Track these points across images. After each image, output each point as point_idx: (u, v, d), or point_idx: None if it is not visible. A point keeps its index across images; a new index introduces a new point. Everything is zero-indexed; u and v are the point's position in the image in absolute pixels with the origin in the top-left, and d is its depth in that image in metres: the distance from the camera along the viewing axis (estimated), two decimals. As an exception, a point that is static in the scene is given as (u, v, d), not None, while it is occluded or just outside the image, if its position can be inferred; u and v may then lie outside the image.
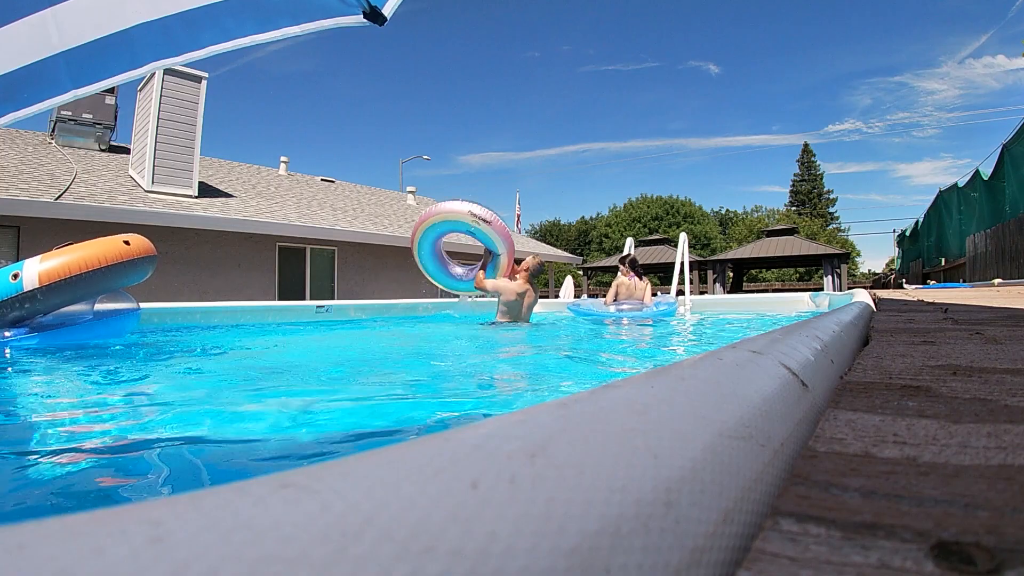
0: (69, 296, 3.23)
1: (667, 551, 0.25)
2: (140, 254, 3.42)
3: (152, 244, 3.58)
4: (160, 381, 2.40)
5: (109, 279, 3.28)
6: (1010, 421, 0.51)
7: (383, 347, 3.99)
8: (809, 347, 0.76)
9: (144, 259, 3.46)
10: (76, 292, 3.22)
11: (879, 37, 69.58)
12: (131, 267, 3.36)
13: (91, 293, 3.38)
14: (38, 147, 9.88)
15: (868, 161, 71.85)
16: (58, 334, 3.37)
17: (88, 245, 3.23)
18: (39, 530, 0.17)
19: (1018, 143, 10.17)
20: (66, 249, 3.19)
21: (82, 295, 3.33)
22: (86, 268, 3.14)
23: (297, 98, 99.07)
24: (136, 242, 3.43)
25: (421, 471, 0.23)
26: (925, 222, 18.33)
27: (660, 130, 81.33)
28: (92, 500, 1.10)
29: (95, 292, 3.39)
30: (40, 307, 3.19)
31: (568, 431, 0.30)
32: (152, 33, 1.80)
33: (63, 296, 3.19)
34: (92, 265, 3.16)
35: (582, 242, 48.02)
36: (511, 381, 2.49)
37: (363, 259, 11.68)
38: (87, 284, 3.20)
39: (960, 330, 1.48)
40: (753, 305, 7.17)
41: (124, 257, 3.30)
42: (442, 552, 0.19)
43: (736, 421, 0.39)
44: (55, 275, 3.07)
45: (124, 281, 3.43)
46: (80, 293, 3.27)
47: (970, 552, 0.27)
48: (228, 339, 4.24)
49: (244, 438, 1.51)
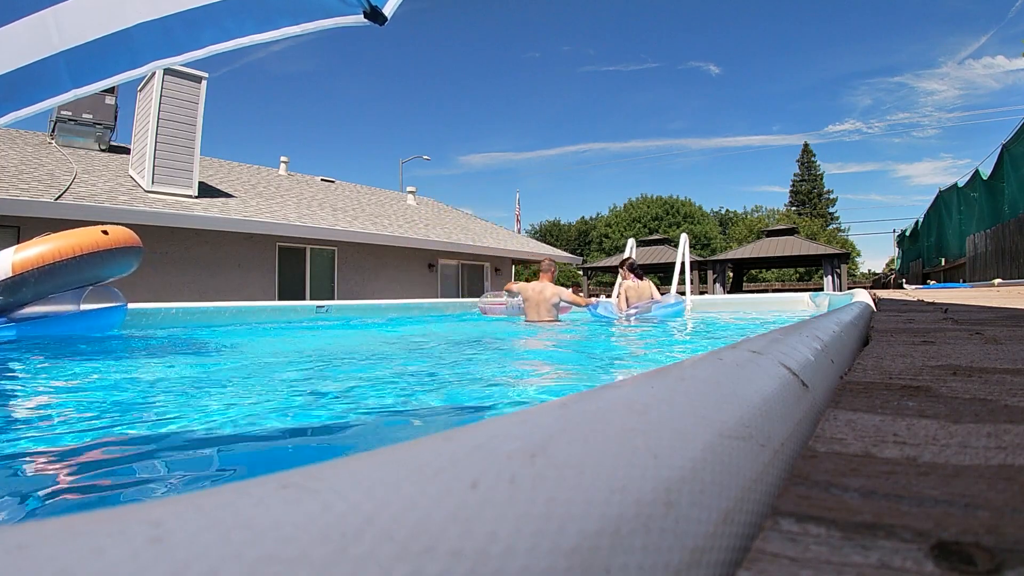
0: (46, 286, 3.16)
1: (667, 551, 0.25)
2: (119, 244, 3.35)
3: (137, 236, 3.51)
4: (160, 381, 2.40)
5: (85, 268, 3.22)
6: (1010, 421, 0.51)
7: (382, 346, 3.99)
8: (809, 347, 0.76)
9: (124, 249, 3.38)
10: (52, 281, 3.16)
11: (879, 37, 69.69)
12: (109, 257, 3.29)
13: (69, 283, 3.31)
14: (38, 147, 9.88)
15: (868, 161, 71.98)
16: (38, 325, 3.31)
17: (64, 235, 3.17)
18: (39, 530, 0.17)
19: (1018, 143, 10.17)
20: (42, 238, 3.14)
21: (59, 284, 3.25)
22: (60, 257, 3.08)
23: (297, 98, 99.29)
24: (116, 232, 3.36)
25: (421, 471, 0.23)
26: (925, 222, 18.33)
27: (660, 130, 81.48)
28: (92, 500, 1.10)
29: (73, 282, 3.32)
30: (17, 297, 3.14)
31: (568, 431, 0.30)
32: (152, 33, 1.80)
33: (39, 286, 3.13)
34: (67, 254, 3.10)
35: (582, 242, 48.02)
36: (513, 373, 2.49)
37: (363, 259, 11.68)
38: (63, 273, 3.14)
39: (960, 330, 1.48)
40: (753, 305, 7.18)
41: (101, 247, 3.24)
42: (442, 552, 0.19)
43: (736, 421, 0.39)
44: (29, 264, 3.02)
45: (104, 272, 3.35)
46: (57, 282, 3.20)
47: (970, 552, 0.27)
48: (228, 339, 4.24)
49: (244, 438, 1.51)
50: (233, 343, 4.00)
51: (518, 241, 16.30)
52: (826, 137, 66.51)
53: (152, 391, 2.20)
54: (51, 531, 0.17)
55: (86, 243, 3.19)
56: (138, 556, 0.16)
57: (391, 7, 1.91)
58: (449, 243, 12.53)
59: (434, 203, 18.06)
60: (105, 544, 0.16)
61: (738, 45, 75.96)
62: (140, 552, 0.16)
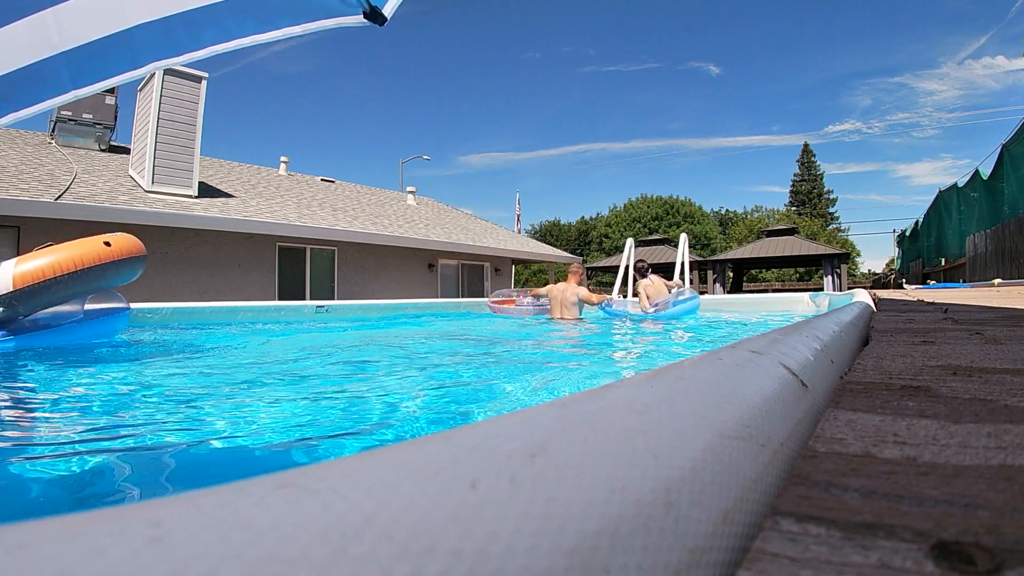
0: (46, 299, 3.13)
1: (667, 551, 0.25)
2: (122, 255, 3.30)
3: (141, 243, 3.44)
4: (159, 381, 2.40)
5: (87, 282, 3.19)
6: (1010, 421, 0.51)
7: (381, 345, 3.99)
8: (809, 347, 0.76)
9: (128, 260, 3.34)
10: (53, 295, 3.12)
11: (879, 37, 69.66)
12: (112, 269, 3.25)
13: (70, 296, 3.27)
14: (38, 147, 9.88)
15: (868, 161, 71.96)
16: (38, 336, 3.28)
17: (66, 247, 3.13)
18: (39, 530, 0.17)
19: (1017, 143, 10.17)
20: (43, 251, 3.10)
21: (61, 298, 3.22)
22: (62, 271, 3.04)
23: (297, 98, 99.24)
24: (118, 242, 3.31)
25: (421, 471, 0.23)
26: (925, 222, 18.33)
27: (660, 130, 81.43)
28: (92, 500, 1.10)
29: (74, 295, 3.29)
30: (16, 311, 3.11)
31: (568, 431, 0.30)
32: (152, 33, 1.80)
33: (39, 299, 3.09)
34: (68, 268, 3.06)
35: (582, 242, 48.02)
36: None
37: (363, 259, 11.68)
38: (64, 287, 3.10)
39: (960, 330, 1.47)
40: (753, 305, 7.18)
41: (103, 259, 3.19)
42: (442, 552, 0.19)
43: (736, 421, 0.39)
44: (30, 278, 2.98)
45: (106, 283, 3.31)
46: (58, 296, 3.17)
47: (970, 552, 0.27)
48: (228, 339, 4.24)
49: (244, 438, 1.51)
50: (233, 343, 4.00)
51: (518, 241, 16.29)
52: (826, 137, 66.58)
53: (151, 391, 2.20)
54: (51, 531, 0.17)
55: (88, 256, 3.14)
56: (138, 556, 0.16)
57: (391, 7, 1.91)
58: (449, 243, 12.53)
59: (434, 203, 18.06)
60: (105, 544, 0.16)
61: (738, 45, 75.98)
62: (140, 552, 0.16)
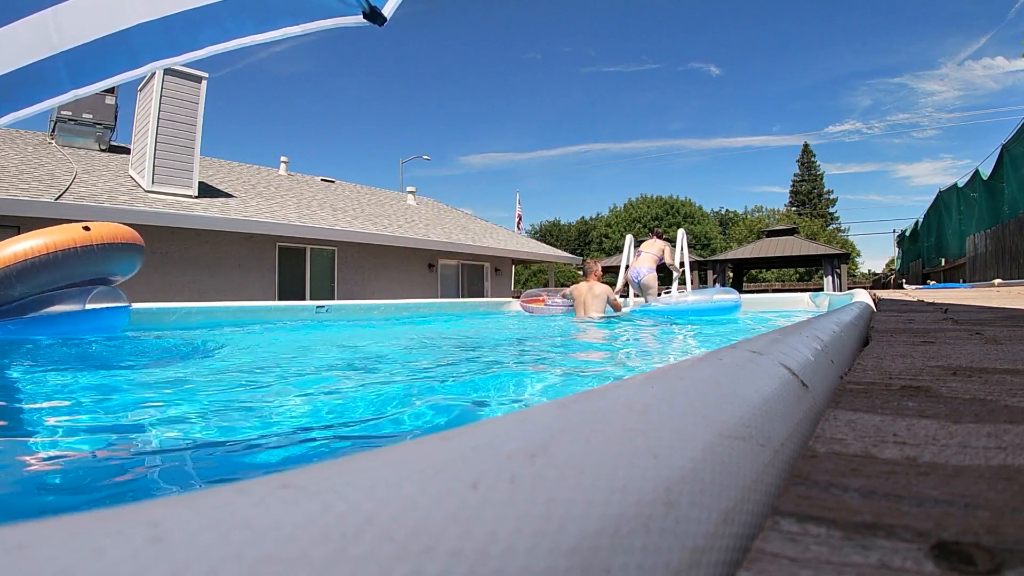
0: (21, 286, 3.07)
1: (667, 551, 0.25)
2: (104, 240, 3.22)
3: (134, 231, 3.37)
4: (159, 381, 2.39)
5: (63, 266, 3.11)
6: (1010, 421, 0.51)
7: (380, 345, 3.99)
8: (809, 347, 0.76)
9: (117, 246, 3.27)
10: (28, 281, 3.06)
11: (879, 37, 69.73)
12: (91, 254, 3.16)
13: (49, 281, 3.20)
14: (38, 147, 9.88)
15: (868, 162, 72.03)
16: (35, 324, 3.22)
17: (40, 232, 3.08)
18: (39, 530, 0.17)
19: (1017, 143, 10.16)
20: (14, 238, 3.06)
21: (37, 284, 3.15)
22: (33, 255, 2.98)
23: (297, 98, 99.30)
24: (99, 228, 3.23)
25: (421, 471, 0.23)
26: (925, 222, 18.32)
27: (660, 131, 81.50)
28: (92, 500, 1.10)
29: (54, 280, 3.21)
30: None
31: (568, 431, 0.30)
32: (152, 33, 1.80)
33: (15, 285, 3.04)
34: (39, 252, 2.99)
35: (582, 242, 48.01)
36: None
37: (363, 259, 11.68)
38: (39, 271, 3.03)
39: (960, 330, 1.47)
40: (753, 305, 7.17)
41: (80, 243, 3.11)
42: (442, 552, 0.19)
43: (736, 421, 0.39)
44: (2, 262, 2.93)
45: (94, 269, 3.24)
46: (34, 282, 3.10)
47: (970, 552, 0.27)
48: (228, 339, 4.24)
49: (244, 438, 1.51)
50: (233, 343, 4.00)
51: (518, 241, 16.29)
52: (826, 137, 66.63)
53: (151, 391, 2.20)
54: (51, 531, 0.17)
55: (62, 241, 3.07)
56: (138, 556, 0.16)
57: (390, 8, 1.91)
58: (449, 243, 12.53)
59: (434, 203, 18.06)
60: (105, 544, 0.16)
61: (738, 45, 76.07)
62: (140, 552, 0.16)
